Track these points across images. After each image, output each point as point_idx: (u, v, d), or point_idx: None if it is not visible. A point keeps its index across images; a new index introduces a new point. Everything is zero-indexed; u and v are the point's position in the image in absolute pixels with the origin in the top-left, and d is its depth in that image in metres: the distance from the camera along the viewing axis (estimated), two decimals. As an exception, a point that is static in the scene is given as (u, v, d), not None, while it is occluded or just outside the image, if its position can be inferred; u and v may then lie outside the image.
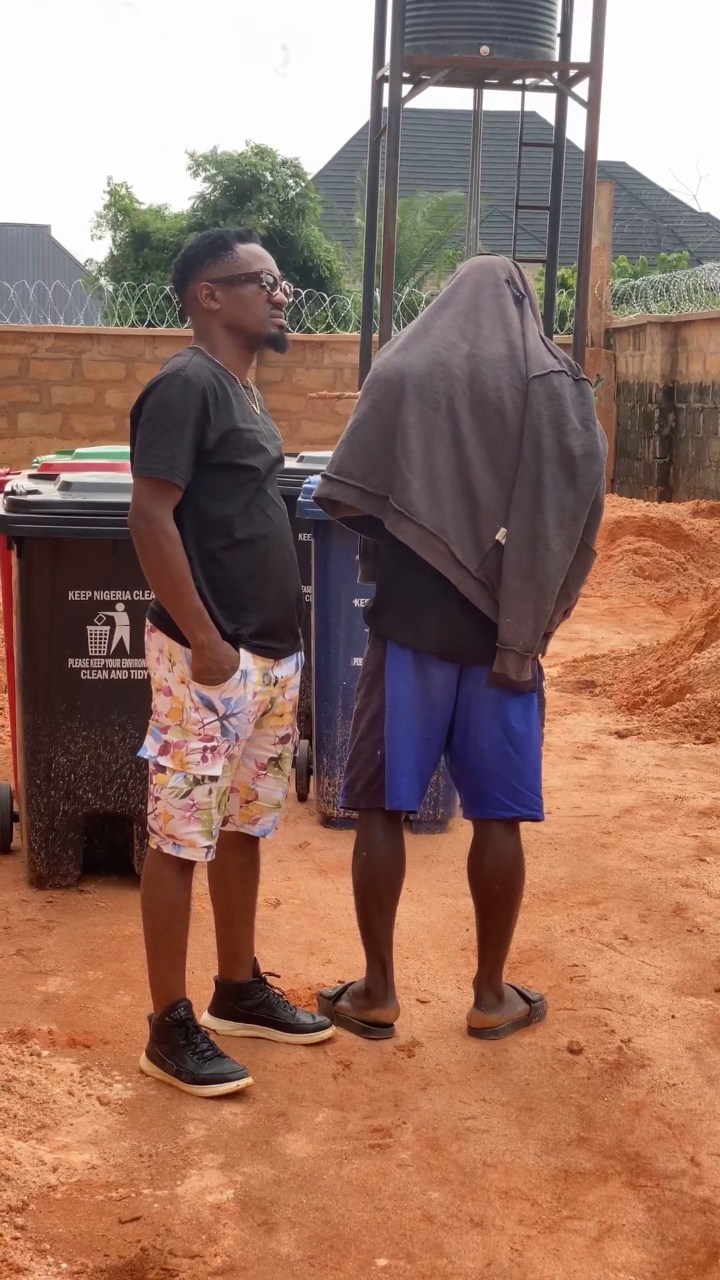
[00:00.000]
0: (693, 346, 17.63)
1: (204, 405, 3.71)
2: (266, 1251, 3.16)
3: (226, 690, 3.78)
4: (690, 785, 6.67)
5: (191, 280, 3.85)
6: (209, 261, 3.82)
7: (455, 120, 30.96)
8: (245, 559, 3.79)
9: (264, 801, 4.03)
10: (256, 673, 3.82)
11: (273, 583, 3.85)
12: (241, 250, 3.84)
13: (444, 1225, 3.28)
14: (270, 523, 3.85)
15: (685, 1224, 3.32)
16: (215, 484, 3.76)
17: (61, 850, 5.19)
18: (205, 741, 3.80)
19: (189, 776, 3.80)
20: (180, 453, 3.70)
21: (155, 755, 3.84)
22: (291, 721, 4.02)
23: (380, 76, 12.70)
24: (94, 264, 25.09)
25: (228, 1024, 4.12)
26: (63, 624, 5.08)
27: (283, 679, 3.92)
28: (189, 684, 3.77)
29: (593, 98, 12.20)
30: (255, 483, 3.80)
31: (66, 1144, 3.53)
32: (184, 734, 3.80)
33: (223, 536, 3.77)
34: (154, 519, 3.70)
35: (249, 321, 3.84)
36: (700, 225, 36.21)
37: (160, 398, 3.72)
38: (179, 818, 3.82)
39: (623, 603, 11.97)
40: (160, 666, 3.84)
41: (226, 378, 3.81)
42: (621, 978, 4.57)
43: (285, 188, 22.98)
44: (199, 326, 3.88)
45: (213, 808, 3.84)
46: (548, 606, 4.03)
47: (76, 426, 18.27)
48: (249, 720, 3.86)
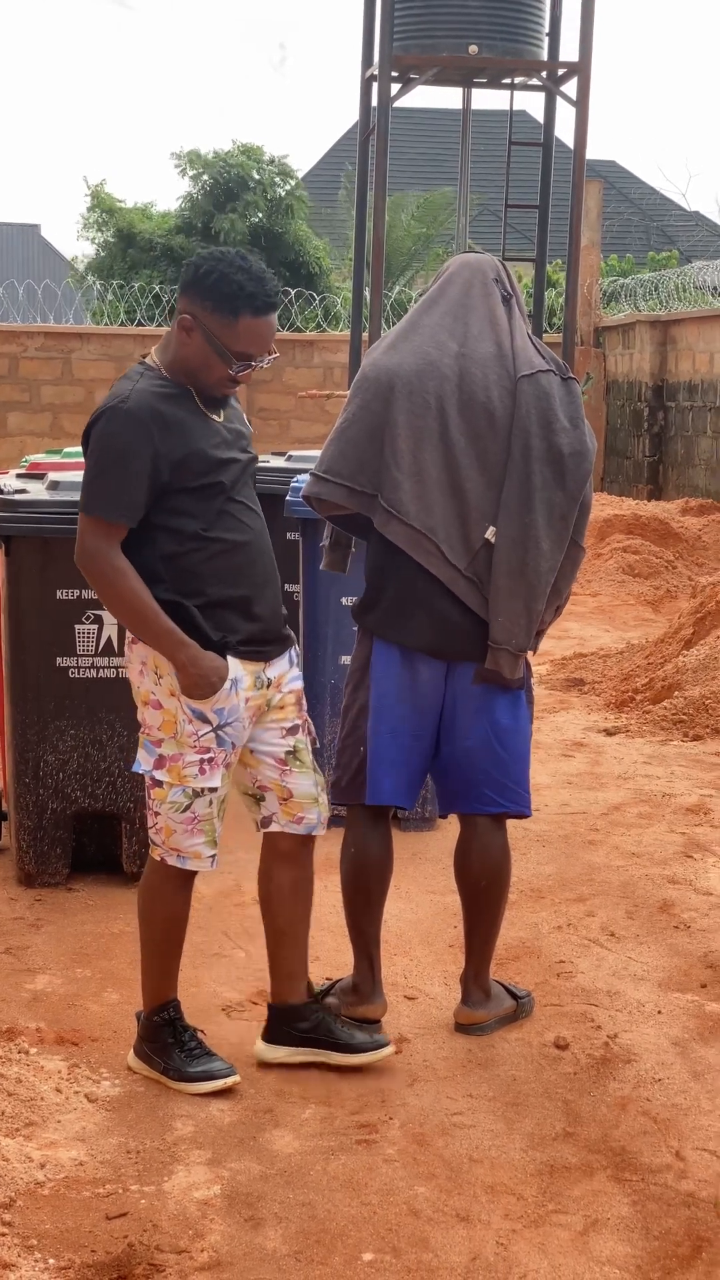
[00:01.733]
0: (682, 345, 17.65)
1: (149, 440, 3.61)
2: (253, 1247, 3.17)
3: (219, 701, 3.72)
4: (678, 782, 6.69)
5: (185, 298, 3.68)
6: (210, 305, 3.63)
7: (444, 119, 30.98)
8: (225, 569, 3.73)
9: (301, 797, 3.92)
10: (247, 678, 3.77)
11: (257, 588, 3.79)
12: (244, 325, 3.64)
13: (430, 1220, 3.29)
14: (247, 529, 3.78)
15: (670, 1218, 3.33)
16: (182, 505, 3.69)
17: (50, 849, 5.20)
18: (201, 754, 3.75)
19: (188, 790, 3.76)
20: (125, 489, 3.62)
21: (151, 769, 3.79)
22: (297, 713, 3.94)
23: (369, 75, 12.71)
24: (80, 262, 25.05)
25: (283, 1050, 3.95)
26: (51, 623, 5.09)
27: (275, 678, 3.86)
28: (179, 697, 3.71)
29: (581, 97, 12.21)
30: (223, 495, 3.72)
31: (54, 1141, 3.54)
32: (179, 747, 3.75)
33: (198, 552, 3.71)
34: (98, 555, 3.65)
35: (203, 378, 3.71)
36: (690, 224, 36.24)
37: (104, 433, 3.64)
38: (181, 831, 3.78)
39: (612, 601, 11.99)
40: (146, 679, 3.77)
41: (175, 396, 3.69)
42: (608, 974, 4.59)
43: (273, 186, 22.96)
44: (170, 335, 3.74)
45: (214, 817, 3.81)
46: (539, 605, 4.05)
47: (66, 426, 18.26)
48: (244, 727, 3.80)
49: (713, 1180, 3.48)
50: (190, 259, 3.72)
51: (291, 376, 18.69)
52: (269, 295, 3.65)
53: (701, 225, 36.05)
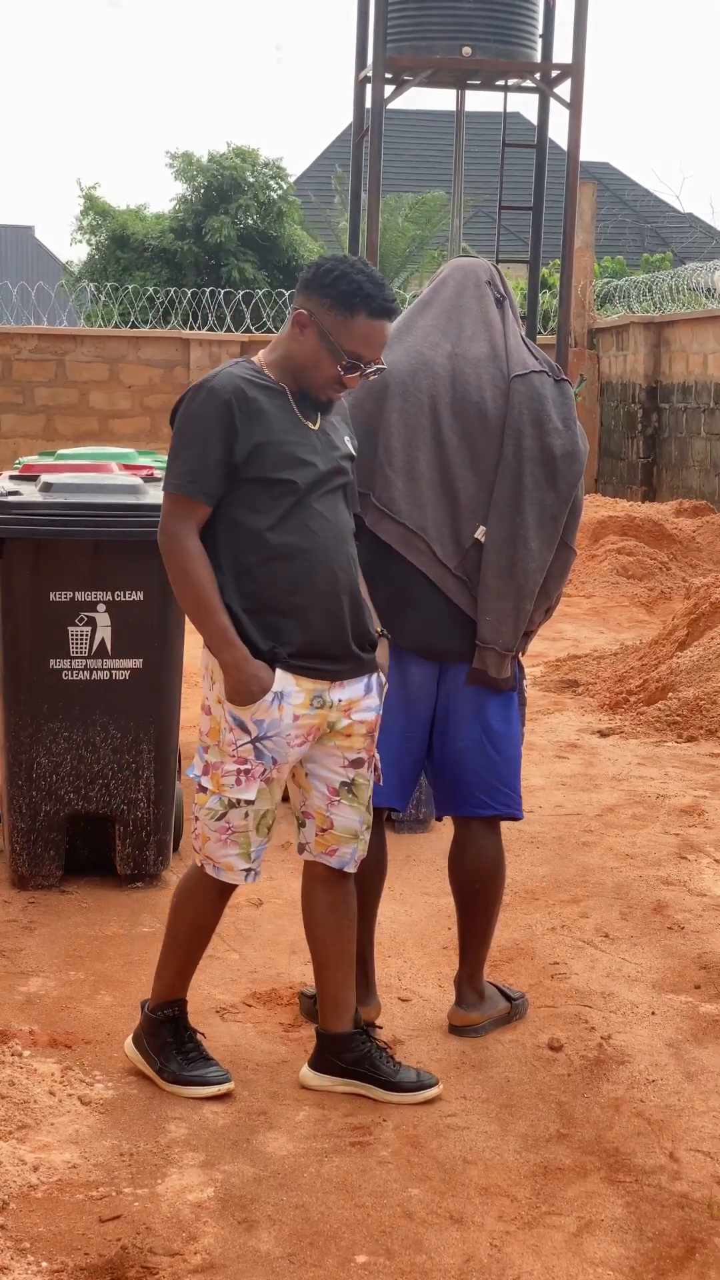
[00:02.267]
0: (676, 347, 17.66)
1: (229, 417, 3.56)
2: (246, 1249, 3.17)
3: (258, 712, 3.62)
4: (672, 784, 6.69)
5: (304, 295, 3.64)
6: (328, 302, 3.60)
7: (438, 121, 30.99)
8: (282, 574, 3.61)
9: (340, 831, 3.80)
10: (301, 695, 3.64)
11: (316, 600, 3.64)
12: (359, 325, 3.60)
13: (424, 1222, 3.29)
14: (314, 537, 3.63)
15: (663, 1219, 3.33)
16: (250, 497, 3.61)
17: (43, 851, 5.19)
18: (239, 764, 3.67)
19: (224, 799, 3.69)
20: (203, 467, 3.57)
21: (198, 775, 3.75)
22: (365, 745, 3.79)
23: (363, 77, 12.72)
24: (74, 264, 25.05)
25: (327, 1079, 3.86)
26: (44, 625, 5.09)
27: (345, 701, 3.71)
28: (224, 703, 3.65)
29: (575, 98, 12.23)
30: (293, 495, 3.61)
31: (47, 1143, 3.54)
32: (220, 755, 3.69)
33: (257, 551, 3.61)
34: (174, 535, 3.61)
35: (310, 378, 3.65)
36: (683, 225, 36.26)
37: (185, 411, 3.61)
38: (215, 840, 3.72)
39: (606, 602, 12.00)
40: (205, 683, 3.74)
41: (269, 389, 3.63)
42: (602, 975, 4.59)
43: (266, 189, 22.97)
44: (283, 334, 3.70)
45: (250, 830, 3.72)
46: (527, 605, 4.05)
47: (60, 428, 18.26)
48: (290, 745, 3.67)
49: (706, 1181, 3.48)
50: (313, 259, 3.73)
51: (286, 378, 18.65)
52: (387, 300, 3.62)
53: (695, 227, 36.07)
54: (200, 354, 18.46)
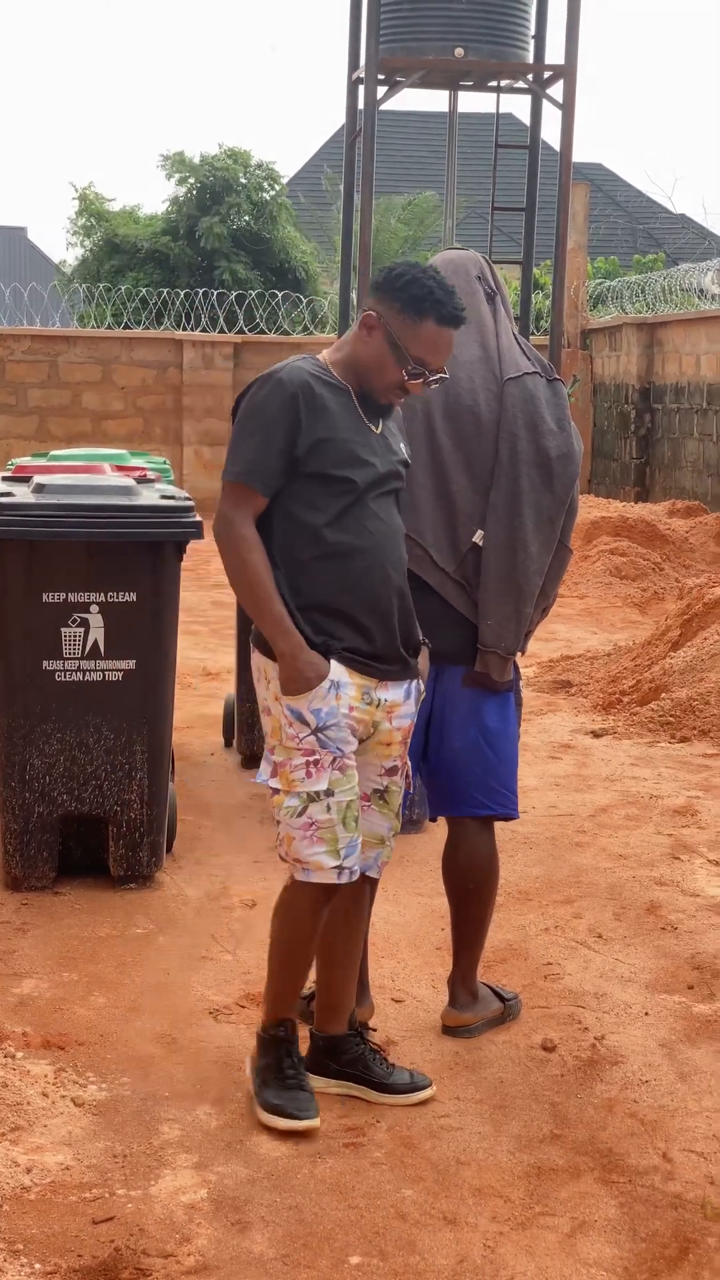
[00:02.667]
0: (669, 348, 17.68)
1: (294, 410, 3.54)
2: (240, 1250, 3.17)
3: (315, 700, 3.57)
4: (665, 784, 6.69)
5: (374, 297, 3.63)
6: (398, 306, 3.58)
7: (431, 122, 31.00)
8: (336, 572, 3.59)
9: (368, 836, 3.78)
10: (353, 688, 3.61)
11: (368, 600, 3.62)
12: (427, 330, 3.58)
13: (417, 1223, 3.29)
14: (369, 536, 3.61)
15: (657, 1219, 3.33)
16: (307, 492, 3.58)
17: (36, 852, 5.19)
18: (306, 756, 3.60)
19: (300, 795, 3.60)
20: (263, 457, 3.55)
21: (268, 779, 3.67)
22: (401, 753, 3.79)
23: (355, 78, 12.70)
24: (67, 265, 25.03)
25: (320, 1080, 3.83)
26: (37, 626, 5.08)
27: (388, 702, 3.69)
28: (281, 699, 3.60)
29: (567, 99, 12.21)
30: (351, 494, 3.58)
31: (40, 1145, 3.53)
32: (286, 752, 3.62)
33: (312, 546, 3.58)
34: (231, 523, 3.56)
35: (374, 380, 3.62)
36: (676, 226, 36.27)
37: (250, 400, 3.60)
38: (300, 839, 3.62)
39: (599, 603, 12.00)
40: (260, 687, 3.68)
41: (335, 387, 3.61)
42: (595, 976, 4.59)
43: (259, 190, 22.96)
44: (350, 335, 3.68)
45: (336, 824, 3.61)
46: (528, 608, 4.05)
47: (53, 429, 18.25)
48: (349, 734, 3.62)
49: (700, 1182, 3.48)
50: (384, 268, 3.66)
51: (279, 379, 18.65)
52: (456, 308, 3.60)
53: (688, 228, 36.08)
54: (193, 355, 18.46)
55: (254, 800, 6.37)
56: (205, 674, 8.88)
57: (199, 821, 6.04)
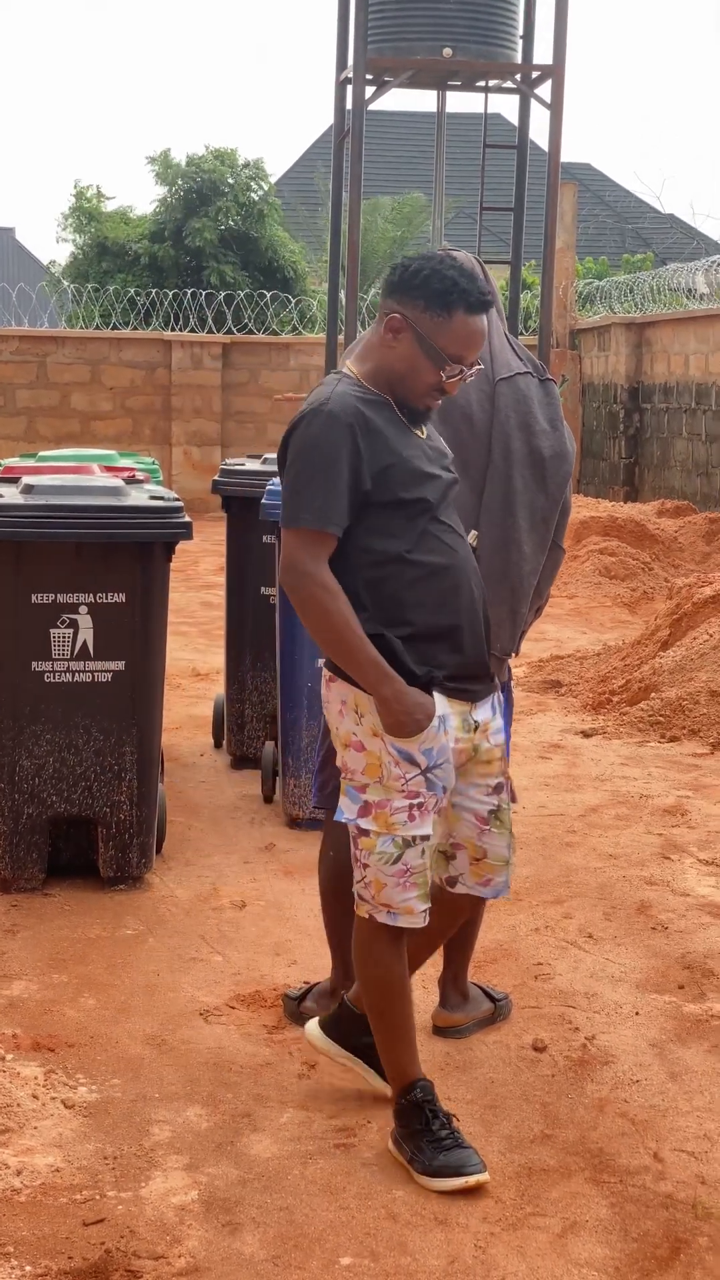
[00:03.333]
0: (657, 347, 17.70)
1: (353, 442, 3.35)
2: (231, 1252, 3.16)
3: (426, 740, 3.41)
4: (655, 784, 6.69)
5: (393, 299, 3.43)
6: (421, 303, 3.38)
7: (419, 122, 31.00)
8: (430, 595, 3.43)
9: (493, 859, 3.66)
10: (455, 718, 3.48)
11: (464, 617, 3.48)
12: (459, 323, 3.39)
13: (408, 1223, 3.29)
14: (453, 552, 3.48)
15: (648, 1219, 3.33)
16: (384, 522, 3.40)
17: (26, 854, 5.18)
18: (410, 799, 3.43)
19: (398, 839, 3.43)
20: (333, 497, 3.34)
21: (355, 818, 3.47)
22: (502, 769, 3.65)
23: (343, 79, 12.70)
24: (56, 266, 25.00)
25: (333, 1047, 3.80)
26: (26, 627, 5.08)
27: (482, 723, 3.57)
28: (384, 737, 3.40)
29: (555, 99, 12.21)
30: (428, 513, 3.43)
31: (30, 1147, 3.53)
32: (386, 792, 3.43)
33: (401, 575, 3.40)
34: (308, 574, 3.34)
35: (409, 386, 3.45)
36: (664, 226, 36.32)
37: (304, 438, 3.38)
38: (393, 885, 3.45)
39: (588, 603, 12.01)
40: (346, 720, 3.47)
41: (377, 403, 3.44)
42: (586, 976, 4.59)
43: (247, 190, 22.95)
44: (370, 341, 3.52)
45: (426, 868, 3.52)
46: (523, 608, 4.04)
47: (42, 430, 18.23)
48: (453, 770, 3.51)
49: (691, 1181, 3.48)
50: (397, 265, 3.47)
51: (267, 379, 18.69)
52: (483, 293, 3.42)
53: (676, 228, 36.13)
54: (181, 355, 18.45)
55: (243, 801, 6.36)
56: (195, 675, 8.87)
57: (188, 822, 6.03)
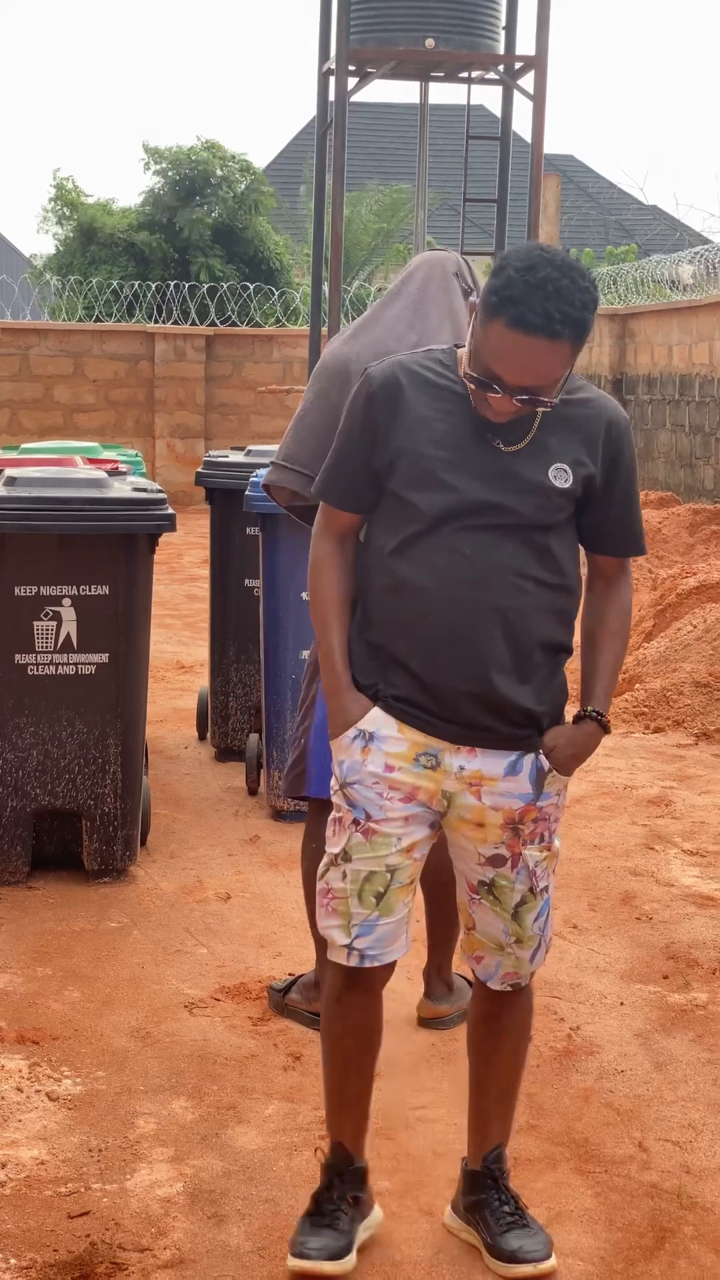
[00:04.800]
0: (640, 339, 17.71)
1: (371, 413, 2.97)
2: (216, 1244, 3.16)
3: (340, 750, 3.02)
4: (639, 775, 6.70)
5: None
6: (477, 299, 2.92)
7: (402, 114, 30.97)
8: (395, 610, 2.97)
9: (480, 935, 3.12)
10: (402, 744, 2.96)
11: (423, 650, 2.95)
12: (495, 332, 2.82)
13: (394, 1215, 3.29)
14: (435, 574, 2.92)
15: (633, 1209, 3.34)
16: (386, 513, 3.02)
17: (10, 847, 5.17)
18: (336, 811, 3.05)
19: (328, 854, 3.07)
20: (340, 469, 3.04)
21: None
22: (508, 840, 3.02)
23: (326, 70, 12.68)
24: (39, 258, 24.95)
25: (456, 1220, 3.24)
26: (9, 619, 5.06)
27: (470, 772, 2.98)
28: None
29: (538, 91, 12.21)
30: (418, 522, 2.94)
31: (15, 1140, 3.52)
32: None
33: (380, 576, 3.00)
34: (315, 540, 3.11)
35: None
36: (647, 217, 36.35)
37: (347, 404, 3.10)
38: (319, 904, 3.09)
39: (572, 594, 12.00)
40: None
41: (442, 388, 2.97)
42: (571, 966, 4.60)
43: (234, 182, 22.92)
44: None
45: (350, 896, 3.00)
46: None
47: (24, 422, 18.19)
48: (382, 798, 2.97)
49: (675, 1171, 3.48)
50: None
51: (251, 371, 18.67)
52: (534, 312, 2.77)
53: (659, 219, 36.15)
54: (165, 348, 18.42)
55: (227, 793, 6.35)
56: (179, 667, 8.86)
57: (173, 815, 6.02)
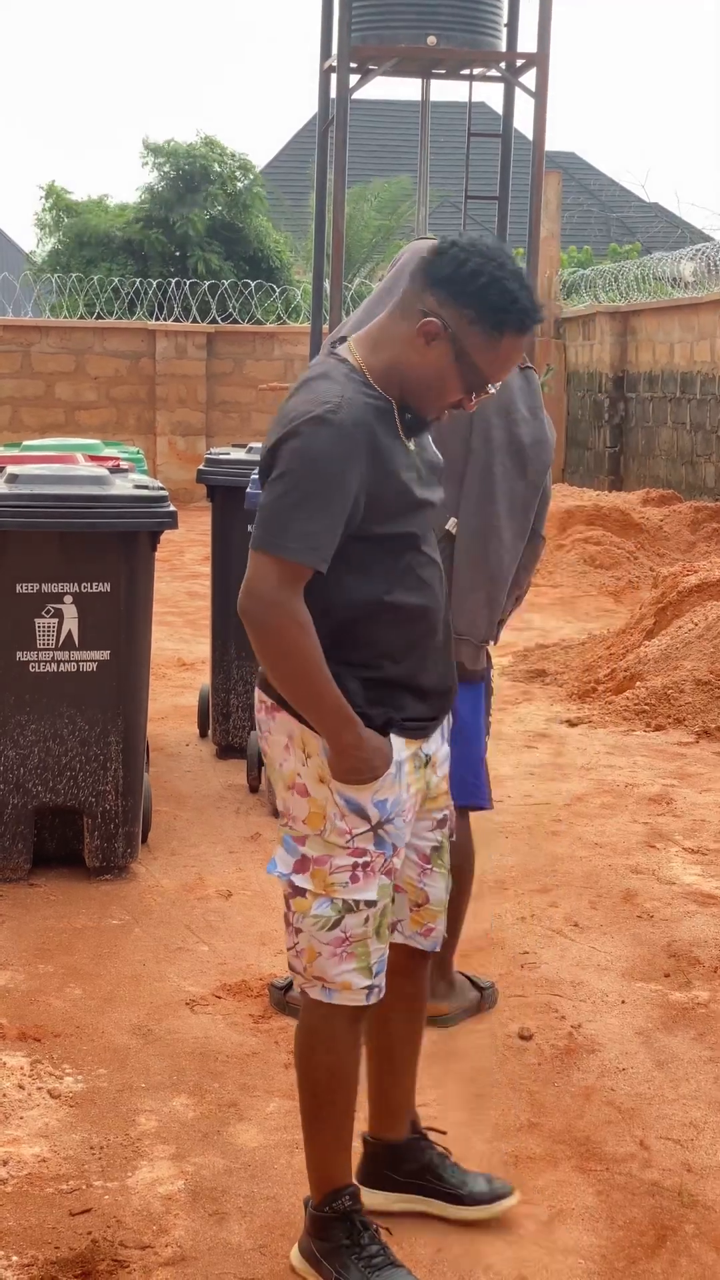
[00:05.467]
0: (642, 336, 17.70)
1: (359, 464, 2.81)
2: (217, 1241, 3.16)
3: (381, 790, 2.93)
4: (640, 773, 6.70)
5: (437, 297, 2.84)
6: (472, 314, 2.81)
7: (404, 111, 30.95)
8: (403, 640, 2.95)
9: (434, 904, 3.20)
10: (409, 761, 3.00)
11: (434, 660, 3.01)
12: (507, 346, 2.85)
13: (392, 1216, 3.28)
14: (430, 591, 2.98)
15: (634, 1207, 3.34)
16: (364, 557, 2.89)
17: (11, 844, 5.17)
18: (356, 856, 2.93)
19: (337, 902, 2.94)
20: (327, 529, 2.80)
21: (290, 873, 2.97)
22: (449, 801, 3.20)
23: (328, 67, 12.68)
24: (38, 255, 24.95)
25: (380, 1196, 3.27)
26: (10, 617, 5.06)
27: (433, 755, 3.09)
28: (331, 784, 2.91)
29: (540, 88, 12.21)
30: (412, 549, 2.94)
31: (16, 1137, 3.52)
32: (327, 848, 2.93)
33: (376, 619, 2.91)
34: (279, 605, 2.79)
35: (429, 399, 2.91)
36: (649, 215, 36.33)
37: (306, 451, 2.78)
38: (327, 955, 2.96)
39: (573, 592, 12.01)
40: (291, 759, 2.94)
41: (383, 411, 2.89)
42: (572, 964, 4.60)
43: (234, 179, 22.91)
44: (390, 331, 2.92)
45: (370, 938, 2.97)
46: (501, 595, 4.04)
47: (26, 419, 18.19)
48: (405, 824, 3.01)
49: (676, 1169, 3.48)
50: (447, 250, 2.87)
51: (252, 369, 18.67)
52: (538, 309, 2.90)
53: (660, 216, 36.14)
54: (166, 345, 18.41)
55: (228, 791, 6.36)
56: (180, 664, 8.86)
57: (174, 812, 6.03)
